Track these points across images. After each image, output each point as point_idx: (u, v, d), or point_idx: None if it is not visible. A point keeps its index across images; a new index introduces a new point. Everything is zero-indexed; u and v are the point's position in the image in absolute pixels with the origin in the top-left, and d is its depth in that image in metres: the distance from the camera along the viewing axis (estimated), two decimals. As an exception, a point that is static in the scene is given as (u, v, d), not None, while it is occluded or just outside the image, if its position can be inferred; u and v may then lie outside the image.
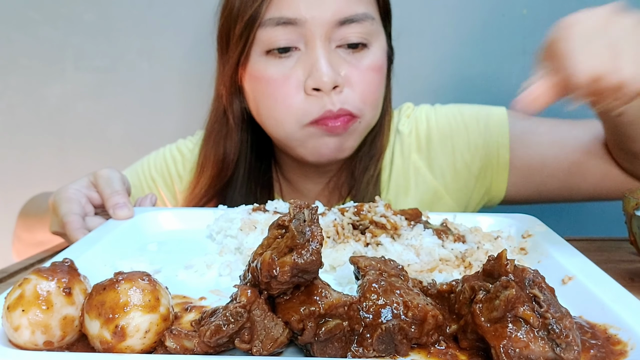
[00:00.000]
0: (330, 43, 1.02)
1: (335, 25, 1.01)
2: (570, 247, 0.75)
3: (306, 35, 1.01)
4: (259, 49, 1.04)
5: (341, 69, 1.02)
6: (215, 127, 1.16)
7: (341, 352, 0.50)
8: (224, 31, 1.09)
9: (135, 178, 1.26)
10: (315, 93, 1.01)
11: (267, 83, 1.04)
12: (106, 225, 0.86)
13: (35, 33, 1.59)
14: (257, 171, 1.19)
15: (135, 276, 0.52)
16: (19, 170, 1.66)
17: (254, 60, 1.05)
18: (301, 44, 1.02)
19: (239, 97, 1.13)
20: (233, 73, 1.09)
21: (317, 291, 0.51)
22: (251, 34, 1.03)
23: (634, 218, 0.76)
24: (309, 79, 1.01)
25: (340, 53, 1.03)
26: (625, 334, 0.52)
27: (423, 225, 0.81)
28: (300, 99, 1.02)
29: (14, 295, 0.51)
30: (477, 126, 1.17)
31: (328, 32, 1.01)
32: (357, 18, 1.02)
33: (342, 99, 1.02)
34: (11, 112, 1.64)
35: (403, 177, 1.18)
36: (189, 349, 0.50)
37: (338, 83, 1.01)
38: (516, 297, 0.47)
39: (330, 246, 0.76)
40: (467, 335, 0.51)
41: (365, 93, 1.05)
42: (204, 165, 1.17)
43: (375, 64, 1.06)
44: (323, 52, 1.01)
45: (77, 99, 1.62)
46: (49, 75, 1.61)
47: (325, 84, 0.99)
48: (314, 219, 0.52)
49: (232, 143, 1.15)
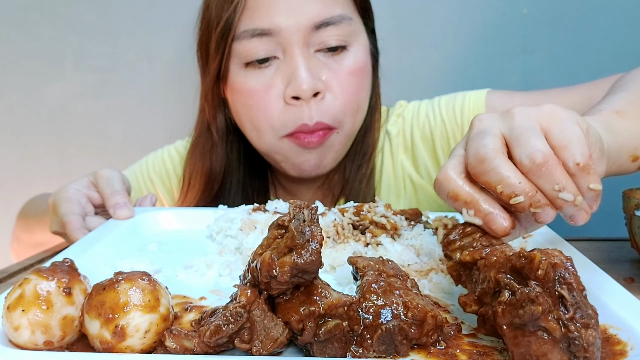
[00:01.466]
0: (308, 48, 1.00)
1: (312, 30, 0.99)
2: (570, 247, 0.75)
3: (283, 43, 0.99)
4: (237, 61, 1.02)
5: (322, 74, 1.00)
6: (200, 140, 1.14)
7: (341, 352, 0.50)
8: (202, 44, 1.08)
9: (133, 179, 1.26)
10: (295, 102, 0.99)
11: (248, 94, 1.02)
12: (106, 225, 0.86)
13: (35, 33, 1.59)
14: (252, 178, 1.18)
15: (135, 276, 0.52)
16: (18, 170, 1.66)
17: (233, 73, 1.04)
18: (279, 52, 1.00)
19: (222, 109, 1.11)
20: (214, 85, 1.07)
21: (317, 291, 0.51)
22: (227, 47, 1.01)
23: (634, 218, 0.76)
24: (288, 87, 0.99)
25: (319, 57, 1.01)
26: (625, 334, 0.52)
27: (423, 225, 0.81)
28: (279, 108, 1.01)
29: (14, 295, 0.51)
30: (453, 115, 1.12)
31: (305, 38, 0.99)
32: (334, 20, 1.00)
33: (322, 109, 1.00)
34: (11, 112, 1.64)
35: (394, 178, 1.17)
36: (189, 349, 0.50)
37: (319, 89, 0.99)
38: (542, 313, 0.45)
39: (330, 246, 0.76)
40: (485, 325, 0.51)
41: (347, 100, 1.03)
42: (191, 180, 1.15)
43: (357, 65, 1.04)
44: (302, 59, 0.99)
45: (77, 98, 1.62)
46: (49, 75, 1.61)
47: (305, 92, 0.98)
48: (313, 219, 0.52)
49: (217, 157, 1.13)
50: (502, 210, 0.56)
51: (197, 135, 1.16)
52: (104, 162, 1.60)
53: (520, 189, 0.54)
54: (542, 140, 0.55)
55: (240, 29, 1.00)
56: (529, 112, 0.58)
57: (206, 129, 1.14)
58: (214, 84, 1.07)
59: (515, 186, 0.54)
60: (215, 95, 1.09)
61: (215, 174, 1.14)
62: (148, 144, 1.41)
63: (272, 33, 0.98)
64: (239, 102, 1.05)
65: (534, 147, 0.54)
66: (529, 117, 0.57)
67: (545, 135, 0.56)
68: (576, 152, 0.55)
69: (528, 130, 0.56)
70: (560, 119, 0.57)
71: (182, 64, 1.58)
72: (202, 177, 1.14)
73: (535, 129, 0.56)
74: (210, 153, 1.13)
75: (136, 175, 1.28)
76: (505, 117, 0.59)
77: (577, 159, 0.54)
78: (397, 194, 1.17)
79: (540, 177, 0.54)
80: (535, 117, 0.57)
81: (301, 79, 0.97)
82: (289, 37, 0.98)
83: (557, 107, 0.58)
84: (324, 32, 1.00)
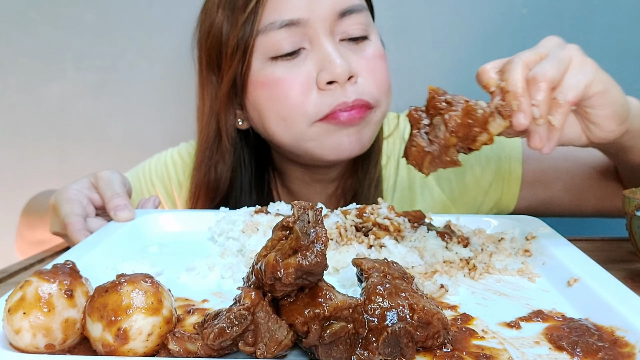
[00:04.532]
0: (334, 37, 1.01)
1: (337, 17, 1.00)
2: (574, 248, 0.75)
3: (310, 33, 0.99)
4: (261, 56, 1.01)
5: (350, 60, 1.00)
6: (207, 153, 1.11)
7: (346, 355, 0.50)
8: (213, 50, 1.05)
9: (136, 181, 1.25)
10: (330, 87, 0.98)
11: (276, 85, 1.00)
12: (108, 227, 0.85)
13: (35, 33, 1.59)
14: (259, 187, 1.16)
15: (137, 278, 0.52)
16: (19, 169, 1.65)
17: (257, 68, 1.02)
18: (306, 42, 1.00)
19: (234, 113, 1.09)
20: (230, 88, 1.05)
21: (322, 293, 0.50)
22: (250, 42, 1.00)
23: (634, 218, 0.76)
24: (322, 72, 0.98)
25: (345, 45, 1.02)
26: (632, 337, 0.52)
27: (426, 227, 0.80)
28: (312, 95, 0.99)
29: (15, 298, 0.50)
30: None
31: (331, 26, 1.00)
32: (356, 8, 1.02)
33: (359, 90, 1.00)
34: (11, 112, 1.63)
35: (408, 188, 1.16)
36: (193, 352, 0.49)
37: (352, 73, 0.99)
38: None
39: (333, 248, 0.75)
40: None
41: (380, 81, 1.03)
42: (197, 193, 1.13)
43: (380, 52, 1.05)
44: (331, 45, 0.99)
45: (77, 98, 1.62)
46: (49, 75, 1.61)
47: (340, 75, 0.97)
48: (318, 220, 0.52)
49: (225, 167, 1.11)
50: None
51: (202, 148, 1.12)
52: (104, 161, 1.60)
53: (513, 87, 0.70)
54: (555, 68, 0.70)
55: (264, 22, 0.99)
56: (561, 47, 0.74)
57: (214, 136, 1.10)
58: (230, 86, 1.05)
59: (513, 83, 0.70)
60: (230, 99, 1.07)
61: (220, 184, 1.12)
62: (148, 144, 1.40)
63: (300, 23, 0.98)
64: (264, 96, 1.02)
65: (542, 69, 0.70)
66: (560, 49, 0.74)
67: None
68: (571, 85, 0.70)
69: (552, 57, 0.72)
70: (579, 55, 0.73)
71: (182, 64, 1.57)
72: (209, 190, 1.12)
73: (558, 57, 0.72)
74: (217, 165, 1.11)
75: (138, 178, 1.27)
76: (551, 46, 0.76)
77: (567, 95, 0.70)
78: (411, 204, 1.16)
79: (531, 89, 0.70)
80: (563, 53, 0.73)
81: (335, 63, 0.97)
82: (316, 26, 0.99)
83: (580, 50, 0.74)
84: (347, 20, 1.01)
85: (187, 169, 1.23)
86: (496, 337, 0.55)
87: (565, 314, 0.60)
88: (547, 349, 0.52)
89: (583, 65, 0.72)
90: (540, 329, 0.56)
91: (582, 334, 0.54)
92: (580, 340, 0.52)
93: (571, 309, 0.61)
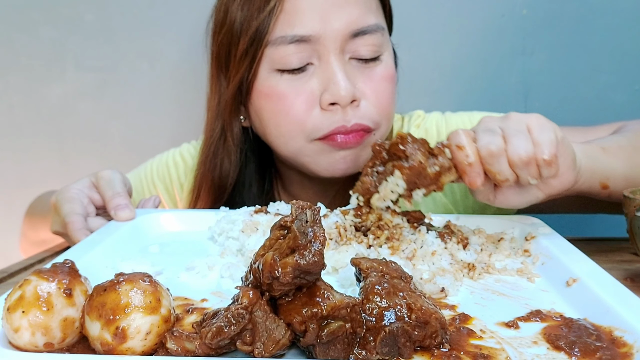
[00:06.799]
0: (344, 55, 0.99)
1: (349, 37, 0.98)
2: (574, 248, 0.75)
3: (319, 50, 0.98)
4: (268, 66, 1.00)
5: (357, 81, 0.99)
6: (212, 150, 1.11)
7: (344, 355, 0.50)
8: (223, 48, 1.05)
9: (137, 182, 1.25)
10: (332, 108, 0.98)
11: (279, 99, 1.00)
12: (108, 227, 0.85)
13: (36, 33, 1.59)
14: (260, 183, 1.15)
15: (136, 277, 0.52)
16: (19, 170, 1.65)
17: (263, 77, 1.01)
18: (314, 58, 0.99)
19: (239, 115, 1.09)
20: (236, 92, 1.04)
21: (320, 292, 0.50)
22: (258, 51, 0.99)
23: (634, 219, 0.76)
24: (326, 93, 0.97)
25: (353, 64, 1.00)
26: (630, 337, 0.52)
27: (426, 227, 0.80)
28: (314, 114, 0.99)
29: (14, 297, 0.50)
30: None
31: (342, 45, 0.98)
32: (370, 29, 0.99)
33: (359, 114, 0.99)
34: (11, 112, 1.63)
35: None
36: (190, 350, 0.49)
37: (356, 97, 0.98)
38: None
39: (332, 248, 0.75)
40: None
41: (382, 105, 1.02)
42: (200, 190, 1.13)
43: (389, 73, 1.04)
44: (339, 66, 0.97)
45: (77, 99, 1.62)
46: (49, 75, 1.61)
47: (344, 98, 0.96)
48: (316, 220, 0.52)
49: (230, 166, 1.10)
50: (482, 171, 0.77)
51: (208, 145, 1.12)
52: (104, 162, 1.59)
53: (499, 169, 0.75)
54: (526, 141, 0.75)
55: (275, 34, 0.98)
56: (520, 118, 0.78)
57: (218, 137, 1.10)
58: (236, 89, 1.04)
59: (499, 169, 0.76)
60: (236, 101, 1.06)
61: (225, 184, 1.11)
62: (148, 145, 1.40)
63: (310, 40, 0.97)
64: (266, 107, 1.02)
65: (518, 148, 0.74)
66: (521, 121, 0.77)
67: (528, 132, 0.76)
68: (545, 150, 0.74)
69: (518, 132, 0.76)
70: (540, 124, 0.76)
71: (183, 65, 1.58)
72: (212, 189, 1.11)
73: (522, 130, 0.76)
74: (223, 163, 1.10)
75: (140, 178, 1.27)
76: (504, 119, 0.78)
77: (544, 155, 0.74)
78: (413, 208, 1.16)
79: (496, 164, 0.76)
80: (525, 120, 0.77)
81: (340, 85, 0.96)
82: (327, 44, 0.97)
83: (542, 117, 0.78)
84: (359, 40, 0.99)
85: (188, 170, 1.23)
86: (494, 336, 0.55)
87: (563, 314, 0.60)
88: (545, 349, 0.52)
89: (539, 123, 0.76)
90: (539, 329, 0.56)
91: (581, 334, 0.54)
92: (578, 340, 0.52)
93: (570, 309, 0.61)
